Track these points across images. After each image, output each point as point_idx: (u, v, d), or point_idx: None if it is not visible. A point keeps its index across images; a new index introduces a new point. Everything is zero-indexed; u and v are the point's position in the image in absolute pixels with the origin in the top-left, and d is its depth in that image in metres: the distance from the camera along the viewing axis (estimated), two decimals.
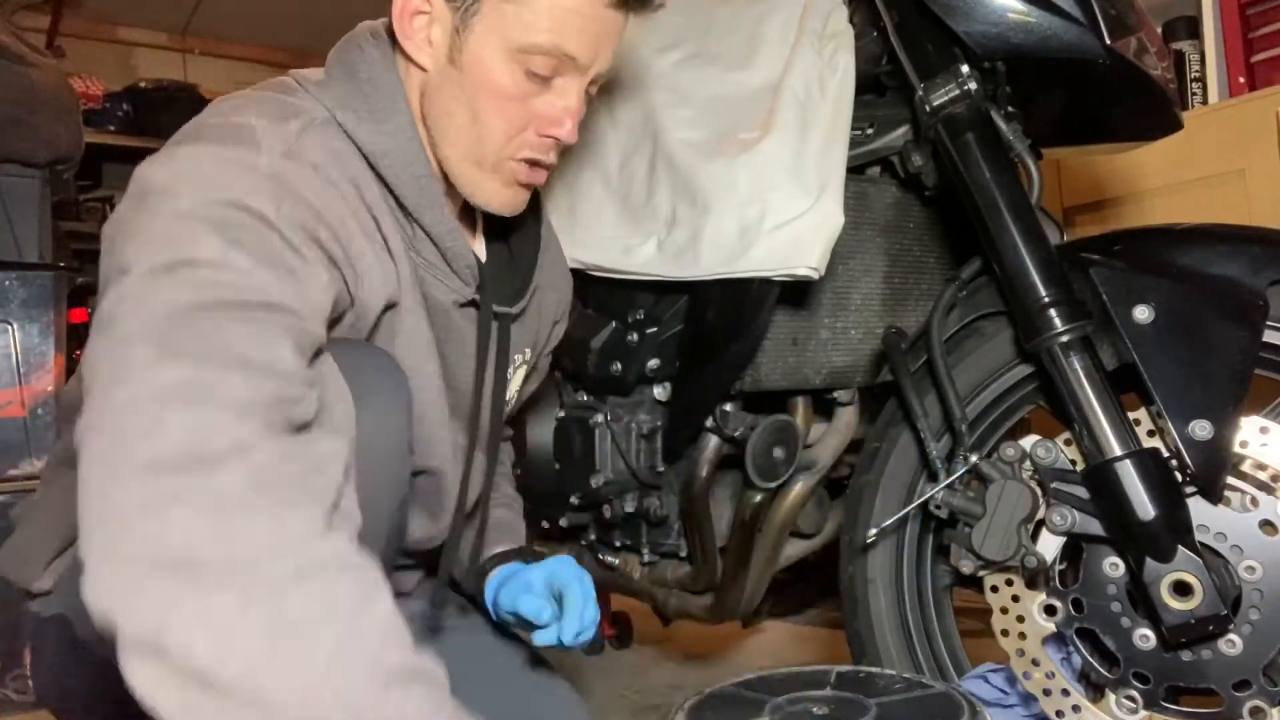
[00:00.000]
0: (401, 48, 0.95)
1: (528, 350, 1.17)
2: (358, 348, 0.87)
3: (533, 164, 0.97)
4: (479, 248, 1.08)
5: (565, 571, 1.02)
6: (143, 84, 4.04)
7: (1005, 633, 1.12)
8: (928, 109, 1.14)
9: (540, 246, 1.14)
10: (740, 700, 0.96)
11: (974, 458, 1.10)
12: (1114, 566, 1.05)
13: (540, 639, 0.99)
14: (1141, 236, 1.14)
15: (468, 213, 1.07)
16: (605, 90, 1.36)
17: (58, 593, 0.97)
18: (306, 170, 0.83)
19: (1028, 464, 1.09)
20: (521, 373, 1.17)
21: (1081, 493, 1.06)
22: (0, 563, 1.03)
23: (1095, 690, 1.09)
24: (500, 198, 0.98)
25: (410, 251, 0.95)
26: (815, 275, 1.13)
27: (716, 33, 1.31)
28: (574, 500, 1.41)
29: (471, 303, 1.03)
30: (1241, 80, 1.96)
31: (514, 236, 1.11)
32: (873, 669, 1.05)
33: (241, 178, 0.78)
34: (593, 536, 1.51)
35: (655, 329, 1.33)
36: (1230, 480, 1.02)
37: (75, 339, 2.64)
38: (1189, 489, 1.02)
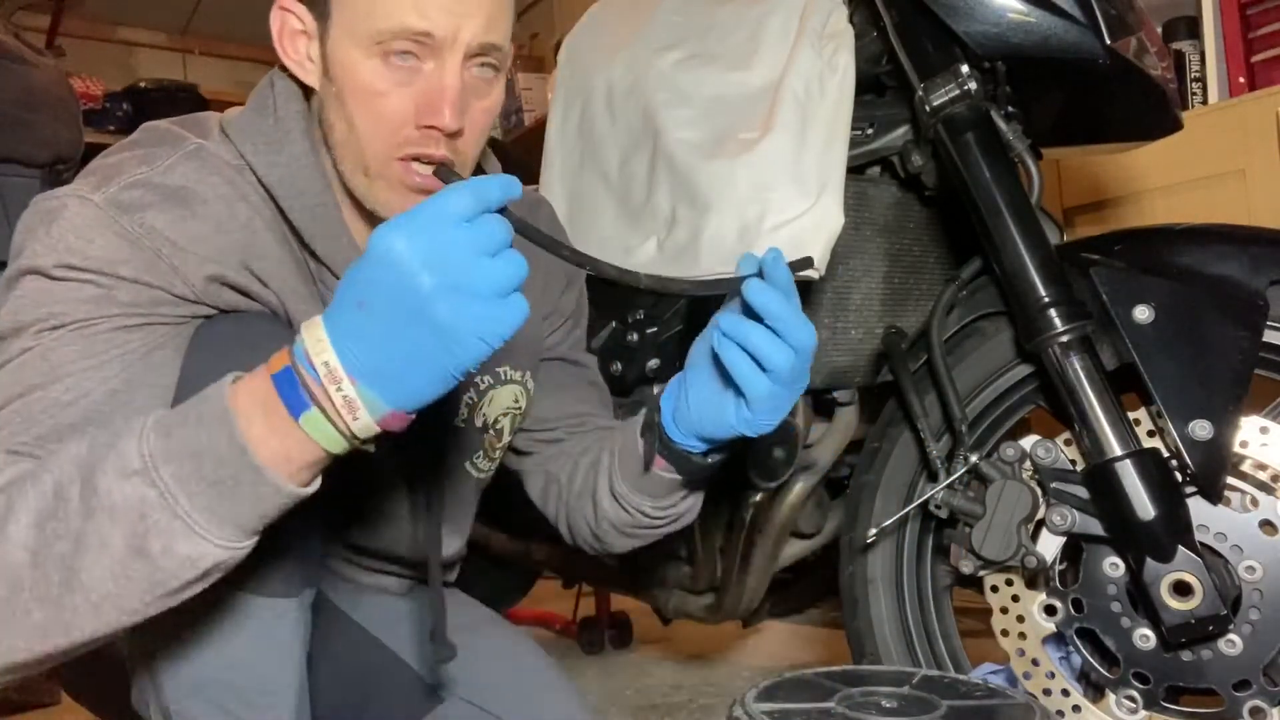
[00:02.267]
0: (291, 73, 0.91)
1: (505, 369, 1.06)
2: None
3: (421, 160, 0.88)
4: None
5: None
6: (143, 84, 4.04)
7: (1005, 633, 1.12)
8: (928, 109, 1.14)
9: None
10: (814, 686, 0.96)
11: (974, 458, 1.10)
12: (1114, 566, 1.05)
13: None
14: (1141, 236, 1.14)
15: None
16: (605, 90, 1.36)
17: None
18: (154, 196, 0.83)
19: (1028, 464, 1.09)
20: (505, 395, 1.07)
21: (1081, 493, 1.06)
22: None
23: (1095, 690, 1.09)
24: (393, 205, 0.88)
25: (317, 282, 0.92)
26: (815, 275, 1.13)
27: (716, 33, 1.31)
28: None
29: None
30: (1241, 80, 1.95)
31: None
32: (960, 676, 1.05)
33: (78, 229, 0.80)
34: None
35: (655, 329, 1.33)
36: (1230, 480, 1.02)
37: None
38: (1189, 489, 1.02)
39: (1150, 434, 1.05)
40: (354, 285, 0.65)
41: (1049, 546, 1.08)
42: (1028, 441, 1.09)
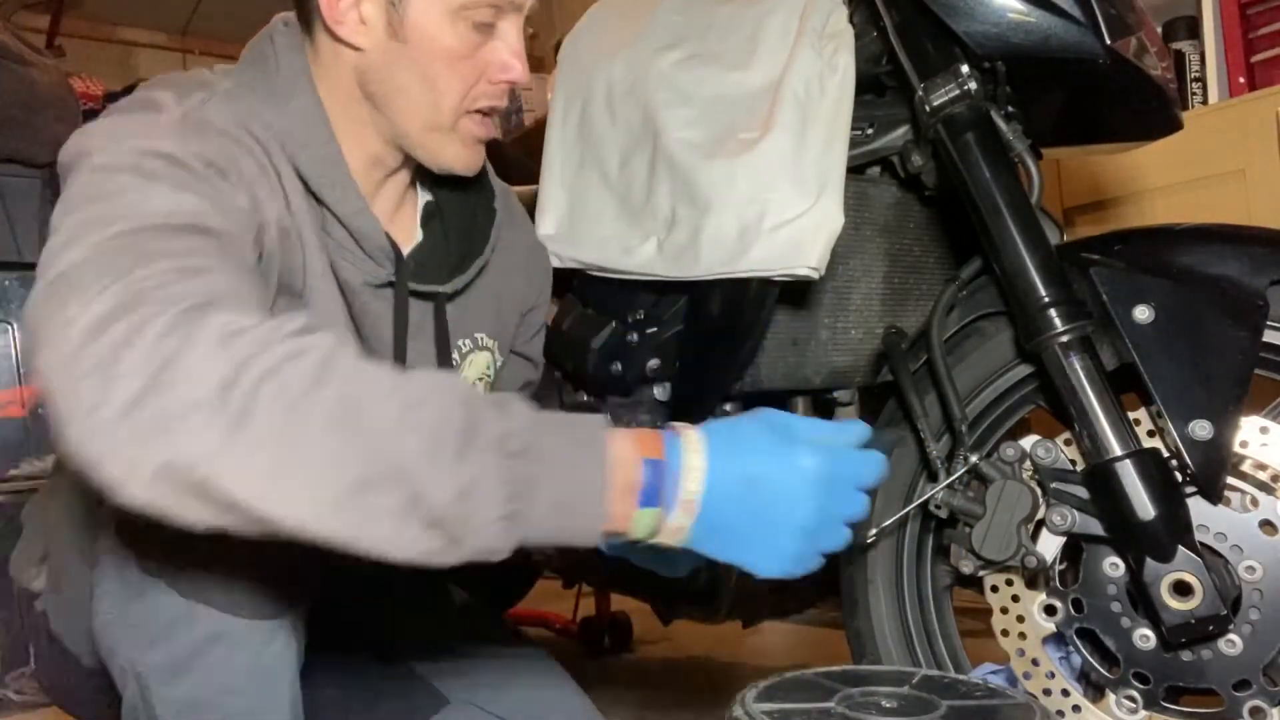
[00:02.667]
0: (332, 32, 0.94)
1: (482, 335, 1.13)
2: None
3: (486, 113, 0.98)
4: (412, 232, 1.06)
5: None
6: (143, 84, 4.04)
7: (1005, 633, 1.12)
8: (928, 109, 1.14)
9: (496, 221, 1.10)
10: (814, 686, 0.96)
11: (974, 458, 1.10)
12: (1114, 566, 1.05)
13: None
14: (1141, 236, 1.14)
15: (400, 191, 1.05)
16: (605, 90, 1.36)
17: (45, 591, 1.00)
18: (209, 130, 0.84)
19: (1028, 464, 1.09)
20: (481, 360, 1.13)
21: (1081, 493, 1.06)
22: (11, 565, 1.06)
23: (1095, 690, 1.09)
24: (463, 158, 0.98)
25: (320, 232, 0.95)
26: (815, 275, 1.13)
27: (716, 33, 1.31)
28: None
29: (389, 284, 1.00)
30: (1241, 80, 1.95)
31: (452, 217, 1.08)
32: (960, 676, 1.05)
33: (147, 130, 0.80)
34: None
35: (655, 329, 1.33)
36: (1230, 480, 1.02)
37: None
38: (1189, 489, 1.02)
39: (1150, 434, 1.05)
40: (753, 462, 0.71)
41: (1049, 546, 1.08)
42: (1028, 441, 1.09)
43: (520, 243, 1.21)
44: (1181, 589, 0.98)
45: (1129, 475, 1.00)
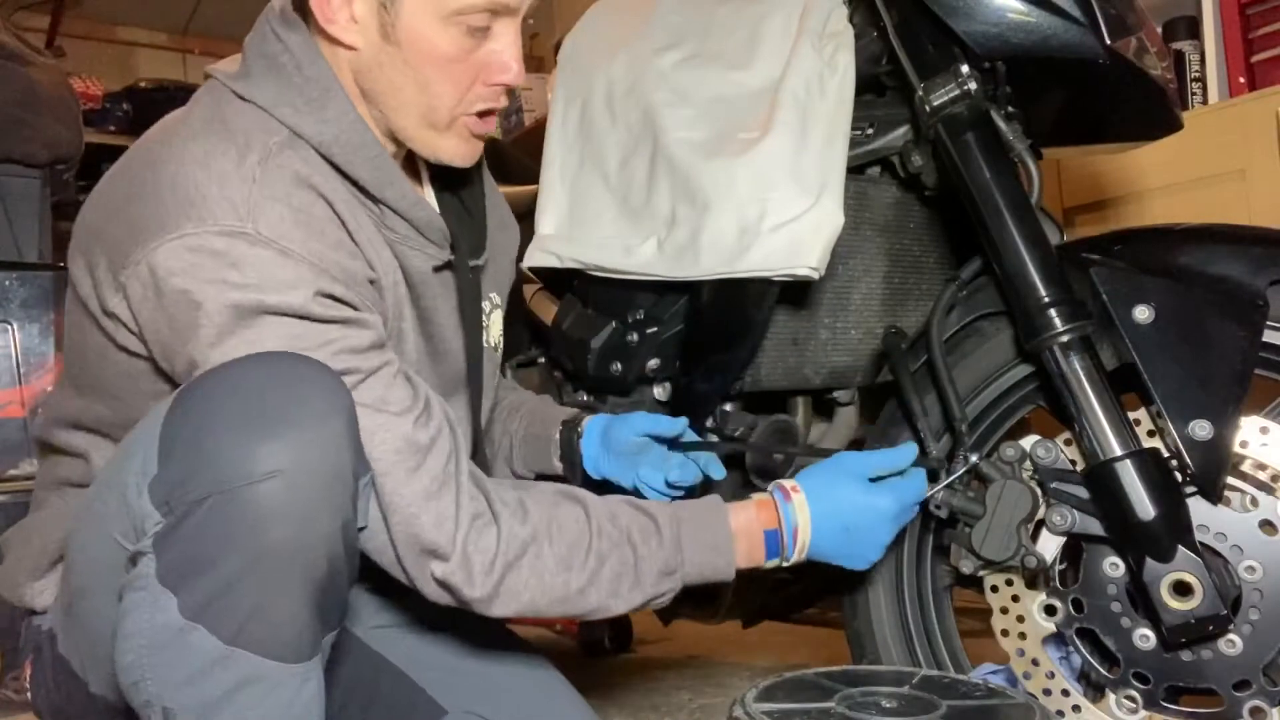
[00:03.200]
0: (324, 30, 0.94)
1: (495, 295, 1.18)
2: (287, 359, 0.84)
3: (484, 114, 0.98)
4: (431, 202, 1.08)
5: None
6: (143, 84, 4.04)
7: (1005, 633, 1.12)
8: (928, 109, 1.14)
9: (486, 191, 1.15)
10: (814, 686, 0.97)
11: (974, 458, 1.10)
12: (1114, 566, 1.05)
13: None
14: (1141, 236, 1.14)
15: (410, 168, 1.07)
16: (605, 90, 1.36)
17: (52, 610, 0.99)
18: (287, 213, 0.87)
19: (1028, 464, 1.09)
20: (497, 319, 1.19)
21: (1081, 493, 1.06)
22: (0, 582, 1.05)
23: (1095, 690, 1.09)
24: (460, 153, 1.00)
25: (382, 229, 0.97)
26: (815, 275, 1.13)
27: (716, 33, 1.31)
28: None
29: (446, 265, 1.04)
30: (1241, 80, 1.95)
31: (461, 187, 1.12)
32: (960, 676, 1.05)
33: (257, 266, 0.85)
34: None
35: (655, 329, 1.33)
36: (1230, 480, 1.02)
37: None
38: (1189, 489, 1.02)
39: (1150, 434, 1.05)
40: (846, 512, 1.02)
41: (1049, 546, 1.08)
42: (1028, 441, 1.09)
43: (498, 201, 1.24)
44: (1181, 589, 0.98)
45: (1129, 475, 1.00)
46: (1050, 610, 1.10)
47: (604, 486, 1.25)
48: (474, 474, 0.94)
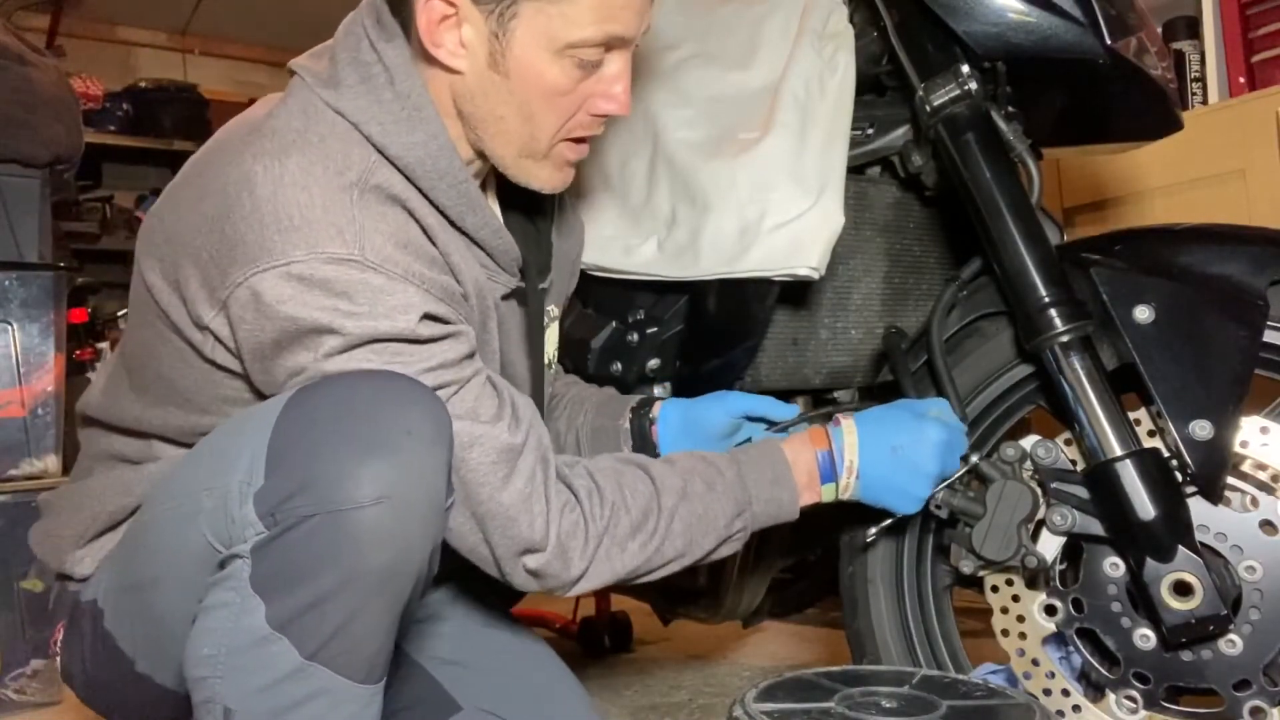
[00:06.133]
0: (420, 43, 0.92)
1: (553, 308, 1.17)
2: (398, 381, 0.85)
3: (580, 139, 0.98)
4: (497, 214, 1.08)
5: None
6: (143, 84, 4.05)
7: (1005, 633, 1.12)
8: (928, 109, 1.14)
9: (554, 204, 1.14)
10: (814, 686, 0.98)
11: (974, 458, 1.10)
12: (1114, 566, 1.05)
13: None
14: (1141, 236, 1.14)
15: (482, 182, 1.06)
16: None
17: (95, 579, 0.99)
18: (388, 232, 0.88)
19: (1028, 464, 1.09)
20: (554, 331, 1.18)
21: (1081, 493, 1.06)
22: (33, 544, 1.06)
23: (1095, 690, 1.09)
24: (554, 180, 1.01)
25: (469, 250, 0.98)
26: (815, 275, 1.13)
27: (716, 33, 1.31)
28: None
29: (514, 292, 1.05)
30: (1241, 80, 1.95)
31: (531, 205, 1.11)
32: (960, 676, 1.05)
33: (368, 293, 0.85)
34: None
35: (655, 329, 1.33)
36: (1230, 480, 1.02)
37: (75, 339, 2.64)
38: (1189, 489, 1.02)
39: (1150, 434, 1.05)
40: (894, 434, 1.03)
41: (1049, 546, 1.08)
42: (1028, 441, 1.09)
43: (566, 204, 1.21)
44: (1181, 589, 0.98)
45: (1129, 475, 1.00)
46: (1050, 610, 1.10)
47: None
48: (556, 462, 0.96)
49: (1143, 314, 1.04)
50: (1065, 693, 1.08)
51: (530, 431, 0.93)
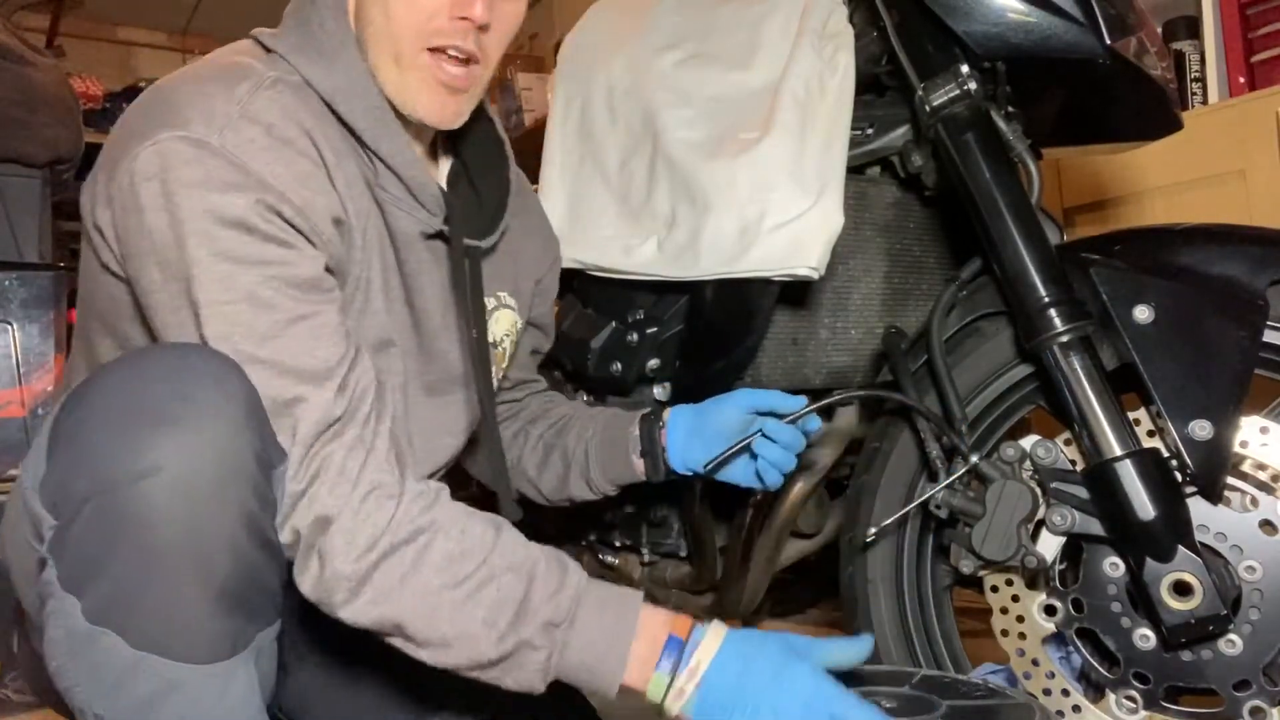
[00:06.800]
0: None
1: (504, 294, 1.15)
2: (180, 349, 0.83)
3: (451, 58, 0.95)
4: (439, 175, 1.08)
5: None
6: (143, 84, 4.04)
7: (1005, 633, 1.12)
8: (928, 109, 1.14)
9: (511, 190, 1.13)
10: None
11: (974, 458, 1.10)
12: (1114, 566, 1.05)
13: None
14: (1141, 236, 1.14)
15: (431, 156, 1.08)
16: (605, 90, 1.36)
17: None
18: (262, 140, 0.86)
19: (1028, 464, 1.09)
20: (506, 318, 1.16)
21: (1081, 493, 1.06)
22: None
23: (1095, 690, 1.09)
24: (424, 103, 0.96)
25: (374, 188, 0.97)
26: (815, 275, 1.13)
27: (716, 33, 1.31)
28: None
29: (438, 235, 1.02)
30: (1241, 80, 1.95)
31: (480, 177, 1.10)
32: (960, 676, 1.04)
33: (211, 170, 0.83)
34: (593, 536, 1.51)
35: (655, 329, 1.33)
36: (1230, 480, 1.02)
37: None
38: (1189, 489, 1.02)
39: (1150, 434, 1.05)
40: (739, 659, 0.84)
41: (1049, 546, 1.08)
42: (1028, 441, 1.09)
43: (533, 209, 1.23)
44: (1181, 589, 0.98)
45: (1129, 475, 1.00)
46: (1050, 610, 1.10)
47: (684, 498, 1.24)
48: (396, 449, 0.87)
49: (1142, 314, 1.04)
50: (1065, 693, 1.08)
51: (364, 398, 0.86)
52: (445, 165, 1.10)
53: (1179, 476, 1.01)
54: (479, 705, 1.06)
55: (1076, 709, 1.08)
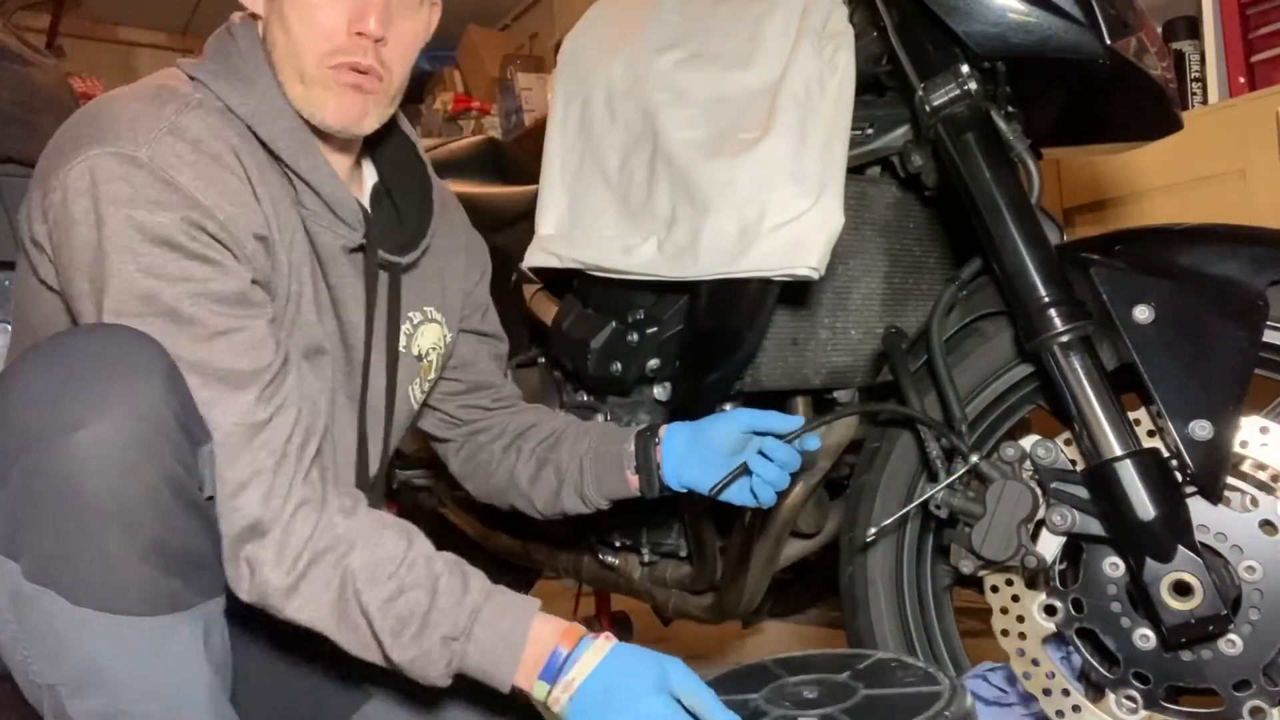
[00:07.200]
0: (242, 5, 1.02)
1: (430, 309, 1.18)
2: (102, 327, 0.87)
3: (353, 69, 0.98)
4: (360, 193, 1.11)
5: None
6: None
7: (1005, 633, 1.12)
8: (928, 109, 1.14)
9: (434, 209, 1.16)
10: (757, 675, 0.99)
11: (974, 458, 1.10)
12: (1114, 566, 1.05)
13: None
14: (1141, 236, 1.14)
15: (354, 176, 1.11)
16: (605, 90, 1.36)
17: None
18: (189, 156, 0.90)
19: (1028, 464, 1.09)
20: (432, 331, 1.18)
21: (1081, 493, 1.06)
22: None
23: (1095, 690, 1.09)
24: (331, 106, 0.99)
25: (296, 205, 1.00)
26: (815, 275, 1.13)
27: (716, 33, 1.31)
28: None
29: (360, 249, 1.06)
30: (1241, 80, 1.95)
31: (401, 196, 1.14)
32: (909, 660, 1.05)
33: (140, 182, 0.87)
34: (592, 537, 1.51)
35: (655, 329, 1.33)
36: (1230, 480, 1.02)
37: None
38: (1189, 489, 1.02)
39: (1150, 434, 1.05)
40: (608, 677, 0.89)
41: (1049, 546, 1.08)
42: (1028, 441, 1.09)
43: (459, 226, 1.26)
44: (1181, 589, 0.98)
45: (1129, 475, 1.00)
46: (1050, 610, 1.10)
47: (683, 500, 1.25)
48: (319, 462, 0.93)
49: (1142, 314, 1.04)
50: (1065, 693, 1.08)
51: (284, 409, 0.90)
52: (369, 184, 1.13)
53: (1179, 476, 1.01)
54: (412, 687, 1.07)
55: (1076, 709, 1.08)
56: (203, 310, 0.87)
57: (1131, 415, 1.05)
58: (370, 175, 1.14)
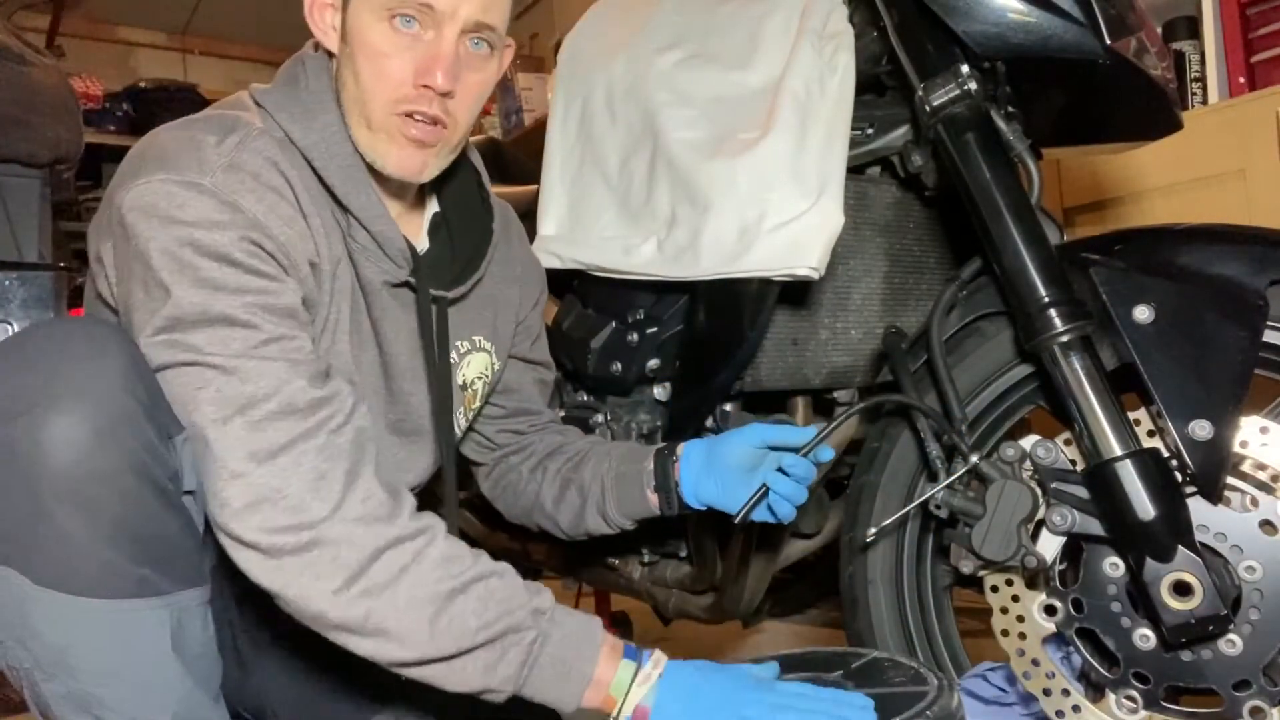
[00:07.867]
0: (318, 42, 1.03)
1: (479, 338, 1.19)
2: (69, 320, 0.89)
3: (418, 119, 0.99)
4: (420, 239, 1.12)
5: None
6: (143, 84, 4.05)
7: (1005, 633, 1.12)
8: (928, 109, 1.14)
9: (493, 240, 1.17)
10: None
11: (974, 458, 1.10)
12: (1114, 566, 1.05)
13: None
14: (1141, 236, 1.14)
15: (418, 204, 1.13)
16: (605, 90, 1.36)
17: None
18: (248, 185, 0.92)
19: (1028, 464, 1.09)
20: (480, 360, 1.20)
21: (1081, 493, 1.06)
22: None
23: (1095, 690, 1.09)
24: (394, 157, 1.00)
25: (347, 239, 1.02)
26: (815, 275, 1.13)
27: (716, 33, 1.31)
28: None
29: (406, 285, 1.07)
30: (1241, 80, 1.95)
31: (458, 231, 1.15)
32: (903, 660, 1.05)
33: (199, 209, 0.89)
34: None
35: (655, 329, 1.33)
36: (1230, 480, 1.02)
37: None
38: (1189, 489, 1.02)
39: (1150, 434, 1.05)
40: (692, 666, 0.93)
41: (1049, 546, 1.08)
42: (1028, 441, 1.09)
43: (516, 257, 1.26)
44: (1181, 589, 0.98)
45: (1129, 475, 1.00)
46: (1050, 610, 1.10)
47: (703, 518, 1.25)
48: (384, 478, 0.92)
49: (1142, 314, 1.04)
50: (1065, 693, 1.08)
51: (343, 411, 0.91)
52: (429, 214, 1.14)
53: (1179, 476, 1.01)
54: (425, 701, 1.08)
55: (1076, 709, 1.08)
56: (258, 318, 0.89)
57: (1131, 415, 1.05)
58: (433, 205, 1.15)
